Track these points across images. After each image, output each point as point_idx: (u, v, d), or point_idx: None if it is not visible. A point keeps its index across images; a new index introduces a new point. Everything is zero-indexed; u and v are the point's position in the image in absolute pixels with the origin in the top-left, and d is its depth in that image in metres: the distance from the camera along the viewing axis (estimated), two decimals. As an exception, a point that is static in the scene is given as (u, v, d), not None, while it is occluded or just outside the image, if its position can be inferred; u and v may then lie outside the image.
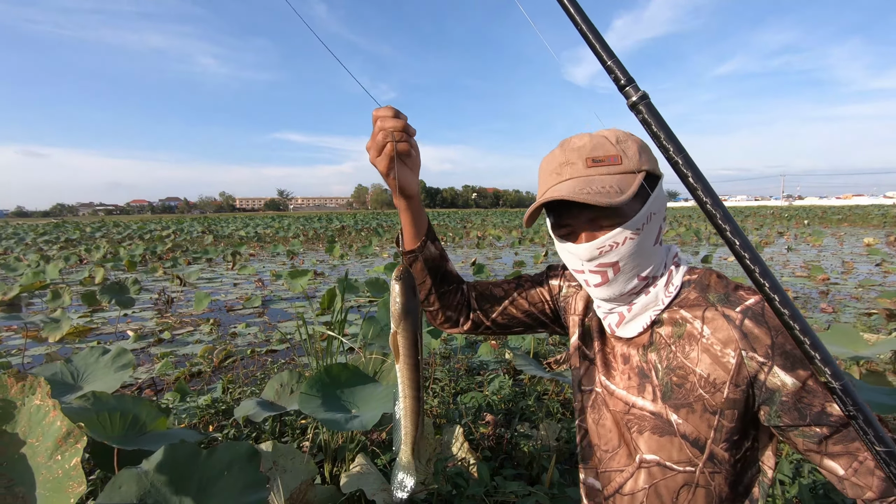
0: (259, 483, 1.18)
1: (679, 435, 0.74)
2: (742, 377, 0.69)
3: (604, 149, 0.74)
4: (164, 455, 1.08)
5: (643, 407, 0.77)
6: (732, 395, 0.70)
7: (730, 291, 0.74)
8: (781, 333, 0.67)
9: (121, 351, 2.00)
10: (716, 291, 0.75)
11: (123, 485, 1.00)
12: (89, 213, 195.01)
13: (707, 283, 0.76)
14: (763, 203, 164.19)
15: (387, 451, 2.23)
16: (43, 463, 0.96)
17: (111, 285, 5.52)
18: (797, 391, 0.66)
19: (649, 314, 0.77)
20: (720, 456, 0.72)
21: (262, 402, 2.04)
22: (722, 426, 0.71)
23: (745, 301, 0.71)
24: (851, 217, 31.19)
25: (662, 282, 0.77)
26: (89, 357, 1.97)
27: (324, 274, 10.14)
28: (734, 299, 0.72)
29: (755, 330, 0.69)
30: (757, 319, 0.69)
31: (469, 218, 43.78)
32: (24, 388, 1.04)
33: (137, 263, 12.02)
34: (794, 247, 14.36)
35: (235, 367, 4.17)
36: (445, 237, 19.52)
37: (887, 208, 50.88)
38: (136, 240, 20.95)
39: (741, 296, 0.73)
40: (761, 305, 0.70)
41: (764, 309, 0.70)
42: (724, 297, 0.73)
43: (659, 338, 0.77)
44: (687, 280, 0.78)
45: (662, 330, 0.77)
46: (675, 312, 0.76)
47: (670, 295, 0.76)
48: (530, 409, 2.89)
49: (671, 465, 0.75)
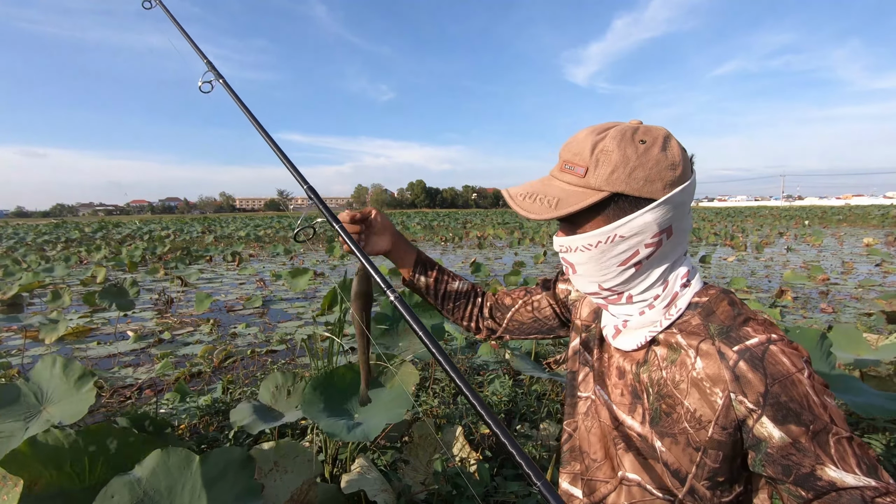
0: (253, 490, 1.17)
1: (661, 462, 0.72)
2: (730, 420, 0.65)
3: (580, 156, 0.68)
4: (157, 462, 1.07)
5: (631, 427, 0.75)
6: (717, 436, 0.66)
7: (735, 325, 0.68)
8: (779, 383, 0.62)
9: (66, 363, 1.77)
10: (720, 322, 0.69)
11: (116, 493, 0.98)
12: (89, 213, 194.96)
13: (713, 310, 0.70)
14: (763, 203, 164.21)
15: (387, 452, 2.23)
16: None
17: (109, 288, 5.50)
18: (785, 446, 0.61)
19: (644, 333, 0.73)
20: (701, 493, 0.69)
21: (258, 406, 2.03)
22: (704, 464, 0.67)
23: (746, 340, 0.65)
24: (851, 217, 31.19)
25: (662, 304, 0.72)
26: (44, 372, 1.77)
27: (324, 274, 10.14)
28: (735, 336, 0.66)
29: (749, 374, 0.63)
30: (754, 363, 0.63)
31: (469, 218, 43.75)
32: None
33: (138, 264, 12.02)
34: (793, 247, 14.36)
35: (235, 367, 4.17)
36: (445, 237, 19.52)
37: (887, 208, 50.89)
38: (136, 240, 20.95)
39: (745, 333, 0.66)
40: (764, 348, 0.64)
41: (766, 353, 0.64)
42: (726, 332, 0.67)
43: (654, 357, 0.73)
44: (695, 302, 0.72)
45: (659, 350, 0.72)
46: (673, 336, 0.71)
47: (671, 318, 0.71)
48: (530, 409, 2.89)
49: (651, 490, 0.73)
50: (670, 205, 0.67)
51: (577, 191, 0.68)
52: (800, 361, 0.63)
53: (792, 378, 0.62)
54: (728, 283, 7.92)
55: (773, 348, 0.64)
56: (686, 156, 0.69)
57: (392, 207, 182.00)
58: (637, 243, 0.69)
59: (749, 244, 14.98)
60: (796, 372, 0.62)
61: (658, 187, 0.66)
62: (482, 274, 8.82)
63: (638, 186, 0.66)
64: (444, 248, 16.46)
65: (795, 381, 0.62)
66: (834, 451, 0.59)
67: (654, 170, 0.66)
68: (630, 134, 0.67)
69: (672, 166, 0.66)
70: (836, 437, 0.60)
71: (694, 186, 0.70)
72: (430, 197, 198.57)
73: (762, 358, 0.63)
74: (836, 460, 0.59)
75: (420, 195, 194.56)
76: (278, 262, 12.90)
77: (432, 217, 48.57)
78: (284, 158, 1.03)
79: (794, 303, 6.42)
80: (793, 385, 0.61)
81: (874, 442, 2.32)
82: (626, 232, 0.68)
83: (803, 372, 0.62)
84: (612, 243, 0.69)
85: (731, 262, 10.79)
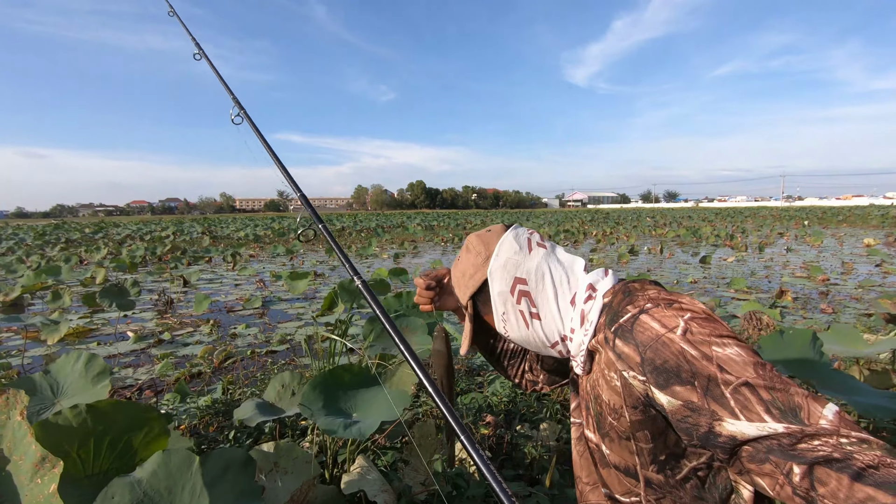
0: (254, 492, 1.17)
1: (612, 465, 0.72)
2: (634, 398, 0.65)
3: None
4: (157, 462, 1.08)
5: (591, 439, 0.77)
6: (634, 416, 0.66)
7: (620, 309, 0.68)
8: (650, 348, 0.61)
9: (90, 358, 1.81)
10: (612, 311, 0.70)
11: (116, 494, 0.98)
12: (89, 213, 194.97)
13: (612, 304, 0.72)
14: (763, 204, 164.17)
15: (388, 453, 2.23)
16: (26, 483, 0.93)
17: (110, 288, 5.50)
18: (677, 409, 0.59)
19: (581, 354, 0.76)
20: (655, 480, 0.68)
21: (261, 404, 2.04)
22: (641, 449, 0.67)
23: (622, 317, 0.66)
24: (851, 217, 31.19)
25: (576, 324, 0.75)
26: (66, 366, 1.81)
27: (324, 275, 10.14)
28: (616, 318, 0.68)
29: (624, 348, 0.64)
30: (624, 336, 0.64)
31: (469, 219, 43.74)
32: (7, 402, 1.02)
33: (138, 264, 12.02)
34: (793, 247, 14.36)
35: (235, 367, 4.17)
36: (445, 238, 19.52)
37: (887, 209, 50.90)
38: (136, 240, 20.95)
39: (624, 311, 0.67)
40: (633, 319, 0.64)
41: (634, 323, 0.64)
42: (611, 318, 0.69)
43: (595, 366, 0.75)
44: (604, 303, 0.74)
45: (596, 357, 0.75)
46: (593, 341, 0.74)
47: (589, 332, 0.73)
48: (530, 409, 2.89)
49: (620, 498, 0.73)
50: (496, 267, 0.82)
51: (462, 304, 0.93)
52: (673, 320, 0.60)
53: (661, 339, 0.60)
54: (728, 283, 7.92)
55: (643, 317, 0.63)
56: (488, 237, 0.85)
57: (392, 208, 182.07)
58: (512, 307, 0.82)
59: (749, 244, 14.98)
60: (666, 332, 0.60)
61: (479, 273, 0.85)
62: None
63: (465, 285, 0.88)
64: (444, 248, 16.46)
65: (665, 342, 0.59)
66: (733, 402, 0.54)
67: (468, 268, 0.87)
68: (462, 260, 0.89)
69: (478, 254, 0.85)
70: (730, 386, 0.54)
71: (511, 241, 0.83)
72: (430, 197, 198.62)
73: (631, 329, 0.64)
74: (736, 411, 0.54)
75: (420, 196, 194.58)
76: (278, 262, 12.89)
77: (432, 217, 48.59)
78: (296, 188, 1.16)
79: (794, 303, 6.42)
80: (663, 346, 0.59)
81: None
82: (500, 307, 0.84)
83: (676, 330, 0.59)
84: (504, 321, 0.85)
85: (731, 263, 10.78)
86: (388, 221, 39.38)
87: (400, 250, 15.07)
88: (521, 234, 0.83)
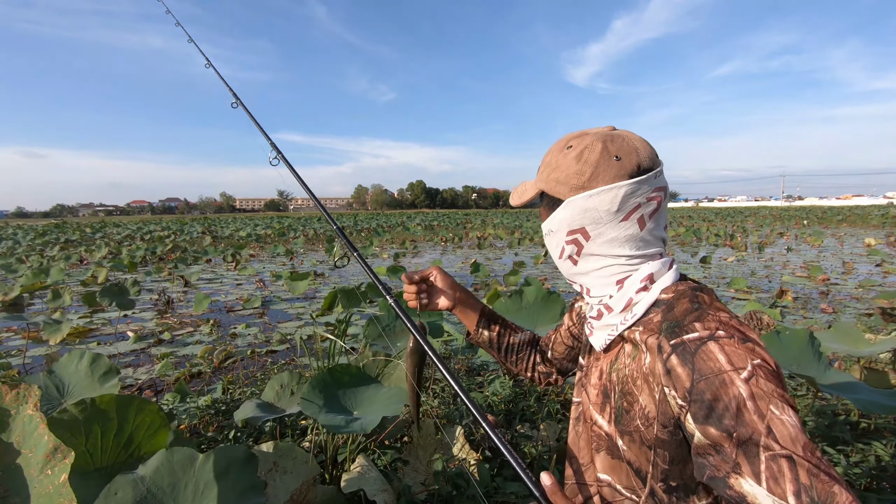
0: (256, 487, 1.18)
1: (626, 461, 0.71)
2: (667, 417, 0.63)
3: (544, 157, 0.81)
4: (160, 460, 1.08)
5: (601, 426, 0.76)
6: (661, 434, 0.64)
7: (686, 321, 0.64)
8: (706, 380, 0.57)
9: (94, 357, 1.83)
10: (674, 318, 0.66)
11: (119, 491, 0.99)
12: (89, 213, 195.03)
13: (674, 307, 0.68)
14: (763, 203, 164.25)
15: (387, 452, 2.23)
16: (35, 476, 0.94)
17: (111, 287, 5.51)
18: (703, 446, 0.57)
19: (605, 335, 0.75)
20: (660, 496, 0.67)
21: (261, 404, 2.04)
22: (657, 465, 0.66)
23: (687, 334, 0.62)
24: (851, 217, 31.19)
25: (618, 305, 0.72)
26: (69, 366, 1.83)
27: (324, 275, 10.14)
28: (679, 331, 0.63)
29: (678, 368, 0.60)
30: (684, 357, 0.60)
31: (469, 218, 43.75)
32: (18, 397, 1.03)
33: (138, 264, 12.02)
34: (794, 247, 14.36)
35: (235, 367, 4.17)
36: (445, 238, 19.52)
37: (887, 208, 50.89)
38: (136, 240, 20.95)
39: (690, 327, 0.63)
40: (700, 343, 0.60)
41: (700, 347, 0.59)
42: (672, 327, 0.65)
43: (622, 356, 0.73)
44: (661, 299, 0.70)
45: (627, 347, 0.73)
46: (634, 333, 0.71)
47: (627, 323, 0.71)
48: (530, 409, 2.89)
49: (620, 490, 0.73)
50: (577, 209, 0.72)
51: (529, 186, 0.82)
52: (742, 360, 0.57)
53: (723, 377, 0.56)
54: (728, 283, 7.92)
55: (712, 344, 0.59)
56: (608, 166, 0.69)
57: (392, 208, 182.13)
58: (560, 239, 0.77)
59: (749, 244, 14.98)
60: (730, 370, 0.56)
61: (564, 190, 0.73)
62: (482, 274, 8.82)
63: (551, 187, 0.76)
64: (444, 248, 16.46)
65: (727, 381, 0.56)
66: (764, 468, 0.52)
67: (563, 174, 0.73)
68: (566, 141, 0.75)
69: (578, 173, 0.71)
70: (771, 452, 0.52)
71: (618, 197, 0.69)
72: (430, 197, 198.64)
73: (694, 352, 0.60)
74: (762, 477, 0.52)
75: (420, 195, 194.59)
76: (278, 262, 12.90)
77: (432, 217, 48.58)
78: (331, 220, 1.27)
79: (794, 303, 6.42)
80: (722, 384, 0.56)
81: (877, 446, 2.32)
82: (553, 227, 0.78)
83: (740, 372, 0.56)
84: (548, 236, 0.80)
85: (732, 263, 10.78)
86: (388, 221, 39.38)
87: (400, 250, 15.07)
88: (634, 198, 0.69)
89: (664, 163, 0.74)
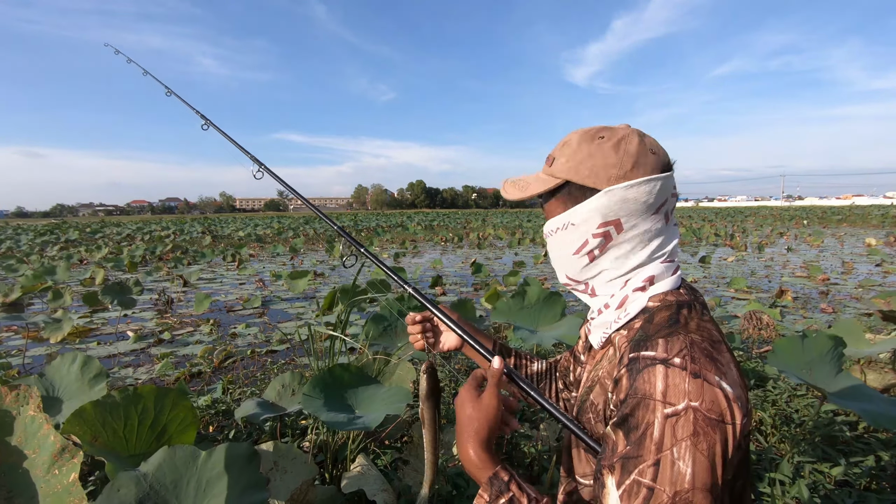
0: (258, 484, 1.18)
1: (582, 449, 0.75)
2: (606, 418, 0.67)
3: (556, 149, 0.76)
4: (163, 457, 1.09)
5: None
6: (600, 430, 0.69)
7: (656, 335, 0.64)
8: (635, 398, 0.59)
9: (85, 361, 1.85)
10: (648, 329, 0.67)
11: (122, 488, 1.00)
12: (89, 213, 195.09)
13: (654, 318, 0.68)
14: (763, 203, 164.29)
15: (387, 452, 2.23)
16: (41, 476, 0.95)
17: (113, 286, 5.53)
18: (607, 439, 0.62)
19: (601, 332, 0.76)
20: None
21: (262, 402, 2.04)
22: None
23: (645, 350, 0.63)
24: (851, 217, 31.20)
25: (615, 303, 0.73)
26: (62, 369, 1.85)
27: (324, 274, 10.14)
28: (642, 345, 0.64)
29: (623, 380, 0.62)
30: (631, 372, 0.62)
31: (469, 218, 43.75)
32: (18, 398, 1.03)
33: (138, 264, 12.03)
34: (794, 247, 14.36)
35: (235, 367, 4.17)
36: (445, 238, 19.52)
37: (887, 208, 50.89)
38: (136, 240, 20.95)
39: (654, 344, 0.63)
40: (650, 363, 0.60)
41: (648, 368, 0.60)
42: (639, 340, 0.65)
43: (604, 359, 0.75)
44: (648, 307, 0.71)
45: (609, 351, 0.75)
46: (616, 337, 0.73)
47: (620, 321, 0.72)
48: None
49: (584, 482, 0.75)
50: (616, 198, 0.69)
51: (541, 178, 0.76)
52: (676, 397, 0.56)
53: (648, 402, 0.57)
54: (728, 283, 7.92)
55: (659, 368, 0.59)
56: (646, 159, 0.70)
57: (392, 208, 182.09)
58: (585, 232, 0.73)
59: (749, 244, 14.98)
60: (659, 401, 0.57)
61: (600, 179, 0.70)
62: (482, 274, 8.83)
63: (584, 176, 0.71)
64: (444, 248, 16.47)
65: (650, 407, 0.57)
66: (627, 482, 0.55)
67: (599, 163, 0.70)
68: (595, 131, 0.73)
69: (618, 164, 0.70)
70: (639, 478, 0.55)
71: (655, 189, 0.69)
72: (430, 197, 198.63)
73: (640, 370, 0.60)
74: (623, 487, 0.56)
75: (420, 195, 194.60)
76: (278, 262, 12.90)
77: (432, 217, 48.57)
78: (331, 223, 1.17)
79: (794, 303, 6.42)
80: (644, 407, 0.57)
81: (882, 453, 2.32)
82: (577, 219, 0.73)
83: (666, 407, 0.56)
84: (566, 230, 0.74)
85: (731, 263, 10.79)
86: (389, 221, 39.38)
87: (400, 250, 15.08)
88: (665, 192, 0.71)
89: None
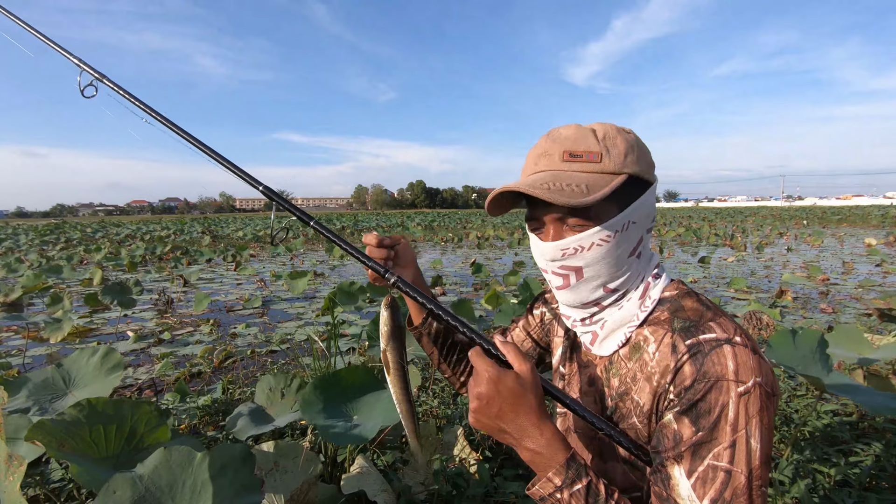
0: (253, 486, 1.18)
1: (620, 460, 0.71)
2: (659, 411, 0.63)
3: (585, 143, 0.65)
4: (159, 459, 1.09)
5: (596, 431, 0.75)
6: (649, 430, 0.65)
7: (701, 321, 0.63)
8: (706, 382, 0.56)
9: (108, 351, 1.93)
10: (686, 317, 0.64)
11: (118, 489, 1.00)
12: (89, 213, 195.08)
13: (682, 306, 0.66)
14: (763, 203, 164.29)
15: (387, 453, 2.23)
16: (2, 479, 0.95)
17: (113, 286, 5.52)
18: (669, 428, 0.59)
19: (624, 331, 0.69)
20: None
21: (255, 410, 2.01)
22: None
23: (704, 334, 0.60)
24: (851, 217, 31.19)
25: (637, 295, 0.69)
26: (80, 360, 1.93)
27: (324, 274, 10.14)
28: (695, 330, 0.62)
29: (686, 367, 0.59)
30: (696, 357, 0.59)
31: (469, 218, 43.74)
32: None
33: (138, 264, 12.03)
34: (793, 247, 14.36)
35: (235, 367, 4.17)
36: (445, 238, 19.52)
37: (887, 208, 50.90)
38: (136, 240, 20.95)
39: (707, 328, 0.61)
40: (715, 344, 0.58)
41: (714, 349, 0.58)
42: (687, 327, 0.63)
43: (618, 359, 0.70)
44: (665, 297, 0.69)
45: (622, 350, 0.70)
46: (640, 331, 0.68)
47: (646, 310, 0.68)
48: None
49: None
50: (652, 193, 0.69)
51: (597, 176, 0.64)
52: (747, 374, 0.56)
53: (721, 383, 0.56)
54: (728, 283, 7.92)
55: (727, 348, 0.58)
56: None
57: (392, 208, 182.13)
58: (642, 228, 0.69)
59: (749, 244, 14.98)
60: (732, 381, 0.56)
61: (653, 171, 0.69)
62: (482, 274, 8.82)
63: (644, 169, 0.67)
64: (443, 248, 16.46)
65: (723, 388, 0.56)
66: (700, 468, 0.54)
67: (648, 155, 0.69)
68: (613, 127, 0.69)
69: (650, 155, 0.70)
70: (716, 460, 0.54)
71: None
72: (430, 197, 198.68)
73: (707, 353, 0.58)
74: (695, 475, 0.54)
75: (420, 195, 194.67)
76: (278, 262, 12.90)
77: (432, 217, 48.56)
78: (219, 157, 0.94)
79: (794, 303, 6.42)
80: (718, 390, 0.56)
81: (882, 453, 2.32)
82: (638, 216, 0.67)
83: (739, 385, 0.55)
84: (627, 231, 0.66)
85: (731, 263, 10.78)
86: (388, 221, 39.37)
87: (400, 250, 15.04)
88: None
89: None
